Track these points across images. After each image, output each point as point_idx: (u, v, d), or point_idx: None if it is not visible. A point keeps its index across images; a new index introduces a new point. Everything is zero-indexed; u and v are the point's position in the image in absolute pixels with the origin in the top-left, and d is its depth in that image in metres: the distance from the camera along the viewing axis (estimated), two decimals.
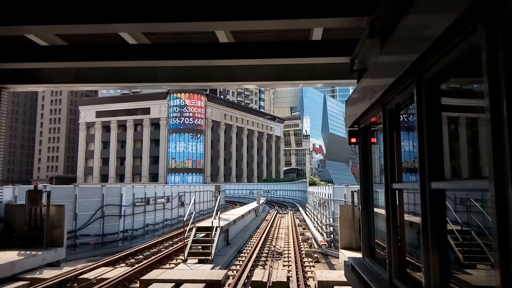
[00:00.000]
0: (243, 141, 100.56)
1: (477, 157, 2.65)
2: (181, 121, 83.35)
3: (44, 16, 7.32)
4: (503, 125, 1.88)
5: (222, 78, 11.08)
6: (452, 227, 2.97)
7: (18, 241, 12.24)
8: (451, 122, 3.15)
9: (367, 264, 5.45)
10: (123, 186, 21.38)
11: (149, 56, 9.53)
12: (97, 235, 17.70)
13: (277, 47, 9.24)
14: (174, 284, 9.50)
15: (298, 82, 11.62)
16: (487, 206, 2.19)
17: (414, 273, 3.76)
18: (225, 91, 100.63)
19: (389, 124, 4.30)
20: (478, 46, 2.11)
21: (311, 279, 11.26)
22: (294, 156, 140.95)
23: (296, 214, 35.48)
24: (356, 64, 7.10)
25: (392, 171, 4.21)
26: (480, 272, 2.70)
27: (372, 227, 5.62)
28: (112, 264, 13.29)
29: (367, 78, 4.98)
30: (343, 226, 13.33)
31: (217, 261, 13.17)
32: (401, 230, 4.09)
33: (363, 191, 5.91)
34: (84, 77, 11.17)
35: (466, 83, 2.89)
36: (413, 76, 3.25)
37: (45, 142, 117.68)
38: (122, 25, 7.61)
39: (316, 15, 6.98)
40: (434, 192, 2.98)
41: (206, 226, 15.24)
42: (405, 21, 3.19)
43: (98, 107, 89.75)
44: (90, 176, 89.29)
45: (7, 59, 9.74)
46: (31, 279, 10.00)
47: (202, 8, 7.14)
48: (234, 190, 71.03)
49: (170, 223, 25.09)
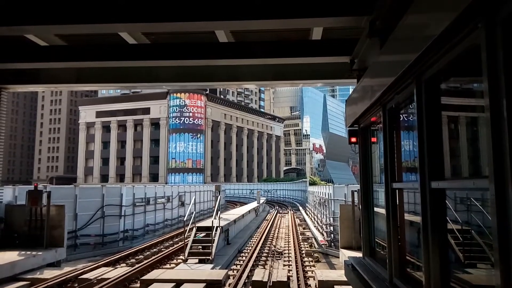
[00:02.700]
0: (243, 141, 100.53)
1: (477, 156, 2.65)
2: (181, 121, 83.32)
3: (44, 16, 7.32)
4: (503, 124, 1.88)
5: (222, 77, 11.08)
6: (452, 227, 2.97)
7: (18, 241, 12.24)
8: (451, 121, 3.15)
9: (368, 264, 5.45)
10: (123, 186, 21.38)
11: (149, 56, 9.54)
12: (98, 235, 17.70)
13: (277, 46, 9.24)
14: (175, 284, 9.50)
15: (298, 82, 11.62)
16: (487, 206, 2.19)
17: (415, 272, 3.76)
18: (225, 91, 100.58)
19: (389, 123, 4.30)
20: (478, 45, 2.11)
21: (312, 279, 11.26)
22: (294, 156, 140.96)
23: (296, 214, 35.48)
24: (356, 64, 7.10)
25: (392, 171, 4.21)
26: (480, 271, 2.70)
27: (372, 226, 5.63)
28: (113, 264, 13.28)
29: (367, 77, 4.98)
30: (343, 226, 13.33)
31: (218, 261, 13.17)
32: (401, 230, 4.09)
33: (363, 190, 5.91)
34: (84, 77, 11.18)
35: (466, 82, 2.89)
36: (413, 75, 3.25)
37: (45, 142, 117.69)
38: (122, 25, 7.61)
39: (316, 15, 6.98)
40: (434, 191, 2.98)
41: (206, 226, 15.23)
42: (405, 20, 3.19)
43: (98, 107, 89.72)
44: (90, 176, 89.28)
45: (7, 59, 9.74)
46: (32, 279, 9.99)
47: (202, 8, 7.14)
48: (234, 190, 71.02)
49: (170, 223, 25.10)
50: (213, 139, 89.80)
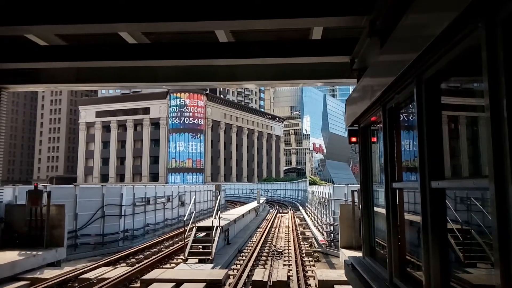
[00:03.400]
0: (243, 140, 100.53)
1: (477, 156, 2.65)
2: (181, 120, 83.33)
3: (44, 16, 7.32)
4: (503, 124, 1.88)
5: (222, 77, 11.08)
6: (452, 226, 2.97)
7: (18, 241, 12.24)
8: (451, 121, 3.15)
9: (368, 263, 5.45)
10: (123, 186, 21.38)
11: (149, 56, 9.53)
12: (98, 235, 17.71)
13: (277, 46, 9.23)
14: (175, 284, 9.50)
15: (298, 82, 11.62)
16: (487, 205, 2.19)
17: (415, 272, 3.76)
18: (225, 90, 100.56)
19: (389, 123, 4.30)
20: (478, 45, 2.11)
21: (312, 278, 11.26)
22: (294, 156, 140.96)
23: (296, 214, 35.48)
24: (356, 63, 7.09)
25: (392, 170, 4.21)
26: (480, 271, 2.70)
27: (372, 226, 5.63)
28: (113, 264, 13.29)
29: (367, 77, 4.97)
30: (343, 225, 13.33)
31: (218, 261, 13.17)
32: (401, 229, 4.09)
33: (363, 190, 5.91)
34: (84, 77, 11.17)
35: (466, 82, 2.89)
36: (413, 75, 3.25)
37: (45, 142, 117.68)
38: (122, 25, 7.61)
39: (316, 15, 6.98)
40: (434, 191, 2.98)
41: (206, 225, 15.23)
42: (405, 20, 3.19)
43: (98, 107, 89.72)
44: (90, 176, 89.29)
45: (7, 59, 9.74)
46: (32, 279, 10.00)
47: (202, 8, 7.14)
48: (234, 190, 71.05)
49: (170, 223, 25.10)
50: (213, 139, 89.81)
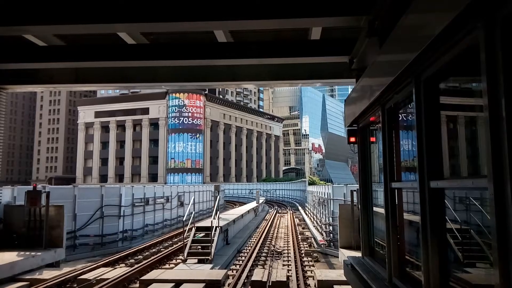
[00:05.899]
0: (242, 140, 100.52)
1: (476, 156, 2.65)
2: (180, 121, 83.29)
3: (42, 16, 7.31)
4: (502, 124, 1.88)
5: (221, 77, 11.08)
6: (451, 226, 2.97)
7: (17, 241, 12.21)
8: (450, 121, 3.15)
9: (367, 263, 5.45)
10: (122, 187, 21.36)
11: (147, 56, 9.53)
12: (97, 236, 17.69)
13: (276, 46, 9.24)
14: (174, 284, 9.49)
15: (297, 82, 11.62)
16: (486, 205, 2.20)
17: (414, 272, 3.76)
18: (224, 90, 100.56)
19: (388, 123, 4.30)
20: (477, 45, 2.11)
21: (311, 279, 11.26)
22: (293, 156, 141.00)
23: (295, 214, 35.49)
24: (355, 63, 7.10)
25: (391, 170, 4.22)
26: (479, 270, 2.70)
27: (372, 226, 5.63)
28: (112, 264, 13.28)
29: (366, 77, 4.98)
30: (343, 226, 13.33)
31: (217, 261, 13.17)
32: (400, 229, 4.09)
33: (362, 190, 5.91)
34: (82, 77, 11.16)
35: (465, 82, 2.89)
36: (412, 75, 3.25)
37: (44, 142, 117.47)
38: (121, 25, 7.60)
39: (315, 15, 6.98)
40: (433, 191, 2.99)
41: (205, 226, 15.23)
42: (404, 20, 3.19)
43: (97, 108, 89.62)
44: (89, 176, 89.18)
45: (5, 60, 9.72)
46: (31, 279, 9.98)
47: (201, 8, 7.14)
48: (233, 190, 71.05)
49: (169, 223, 25.08)
50: (212, 139, 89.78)
